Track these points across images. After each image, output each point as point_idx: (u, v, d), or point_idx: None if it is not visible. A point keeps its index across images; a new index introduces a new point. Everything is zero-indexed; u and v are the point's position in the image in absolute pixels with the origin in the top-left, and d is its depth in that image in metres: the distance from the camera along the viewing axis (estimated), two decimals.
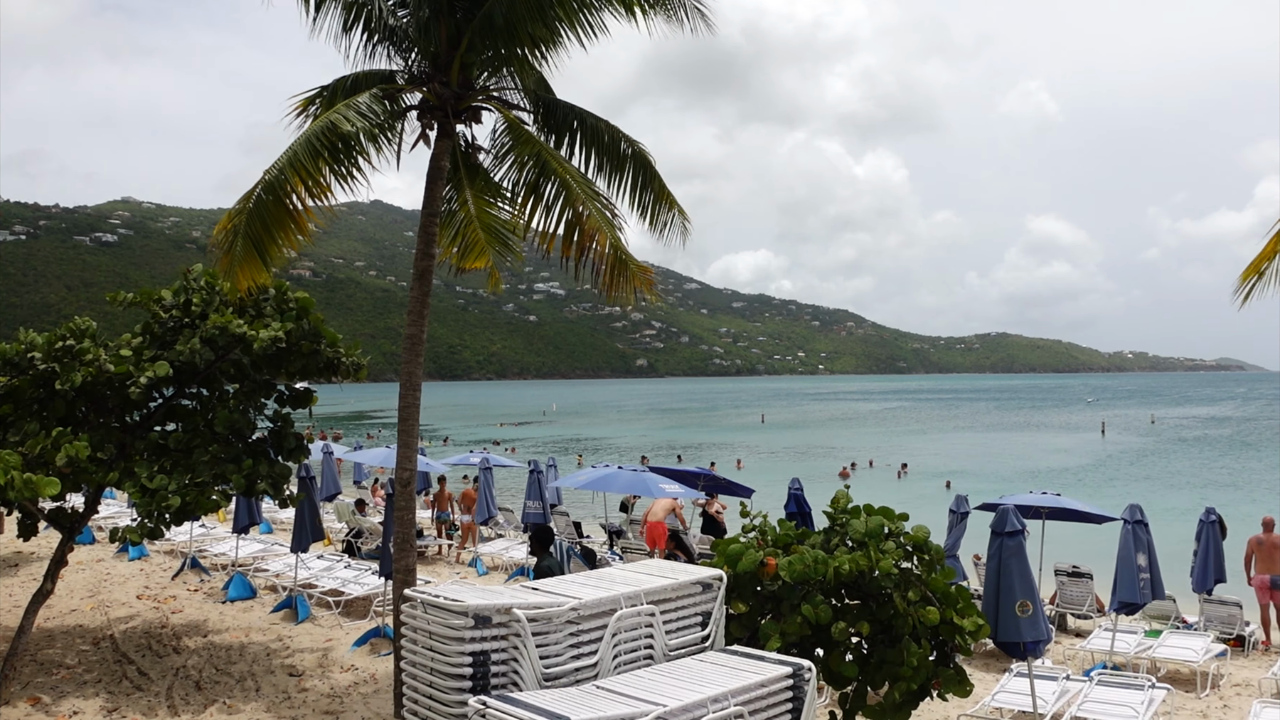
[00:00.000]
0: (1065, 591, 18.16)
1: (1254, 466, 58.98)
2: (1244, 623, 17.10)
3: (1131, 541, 13.71)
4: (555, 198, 11.80)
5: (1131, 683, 12.05)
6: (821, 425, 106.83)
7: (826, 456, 64.00)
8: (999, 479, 47.80)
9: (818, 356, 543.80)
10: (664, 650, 7.55)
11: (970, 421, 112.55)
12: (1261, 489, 47.45)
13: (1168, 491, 44.57)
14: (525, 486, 22.05)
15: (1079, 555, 19.01)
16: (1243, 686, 14.51)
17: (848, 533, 8.80)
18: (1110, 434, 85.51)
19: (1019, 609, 9.56)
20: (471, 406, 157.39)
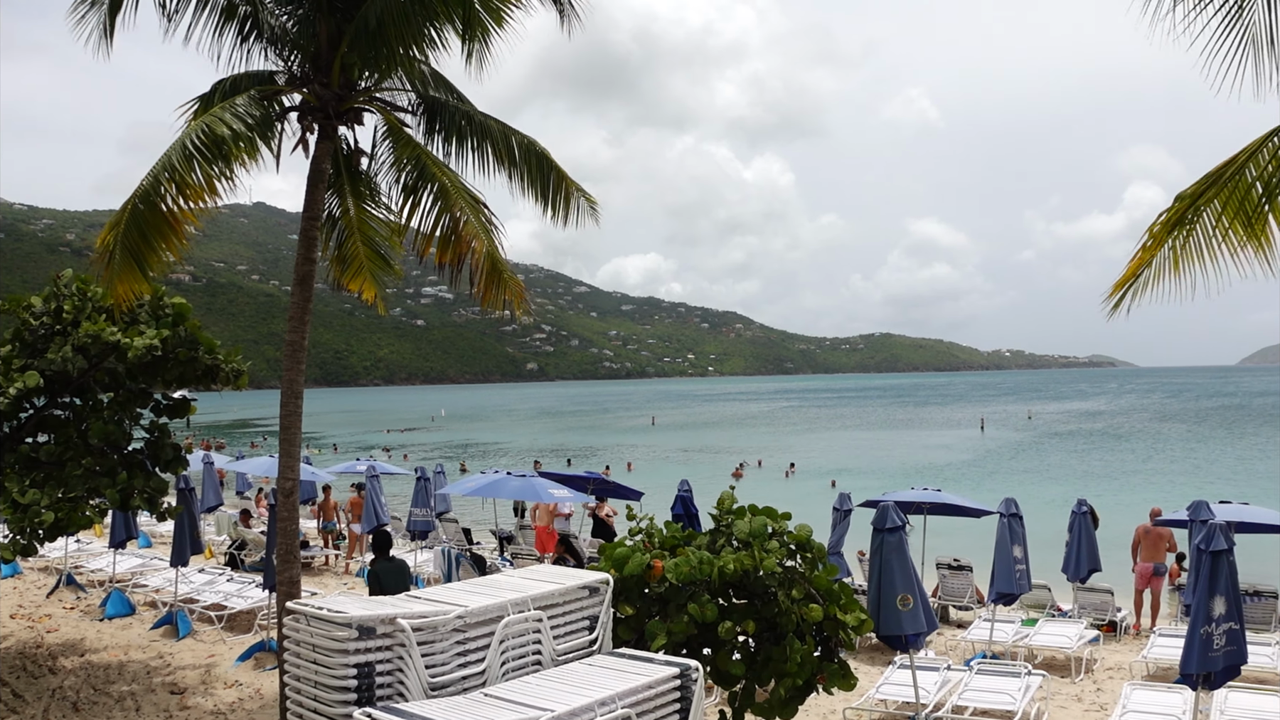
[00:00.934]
0: (947, 584, 18.64)
1: (1125, 458, 61.24)
2: (1115, 609, 17.77)
3: (1007, 534, 14.16)
4: (433, 203, 11.73)
5: (1009, 670, 12.43)
6: (712, 426, 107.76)
7: (717, 457, 64.59)
8: (883, 476, 48.81)
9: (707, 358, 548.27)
10: (552, 655, 7.55)
11: (856, 420, 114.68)
12: (1132, 479, 49.31)
13: (1044, 484, 46.02)
14: (412, 494, 21.79)
15: (959, 548, 19.52)
16: (1115, 670, 15.07)
17: (733, 533, 8.91)
18: (989, 430, 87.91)
19: (900, 603, 9.80)
20: (359, 413, 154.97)
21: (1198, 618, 9.27)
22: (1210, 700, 11.50)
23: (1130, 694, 11.76)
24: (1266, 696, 11.73)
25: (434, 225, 11.78)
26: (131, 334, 11.79)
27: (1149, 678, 14.05)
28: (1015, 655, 14.88)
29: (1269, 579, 17.63)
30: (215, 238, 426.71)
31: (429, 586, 13.79)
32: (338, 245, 12.78)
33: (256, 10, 11.62)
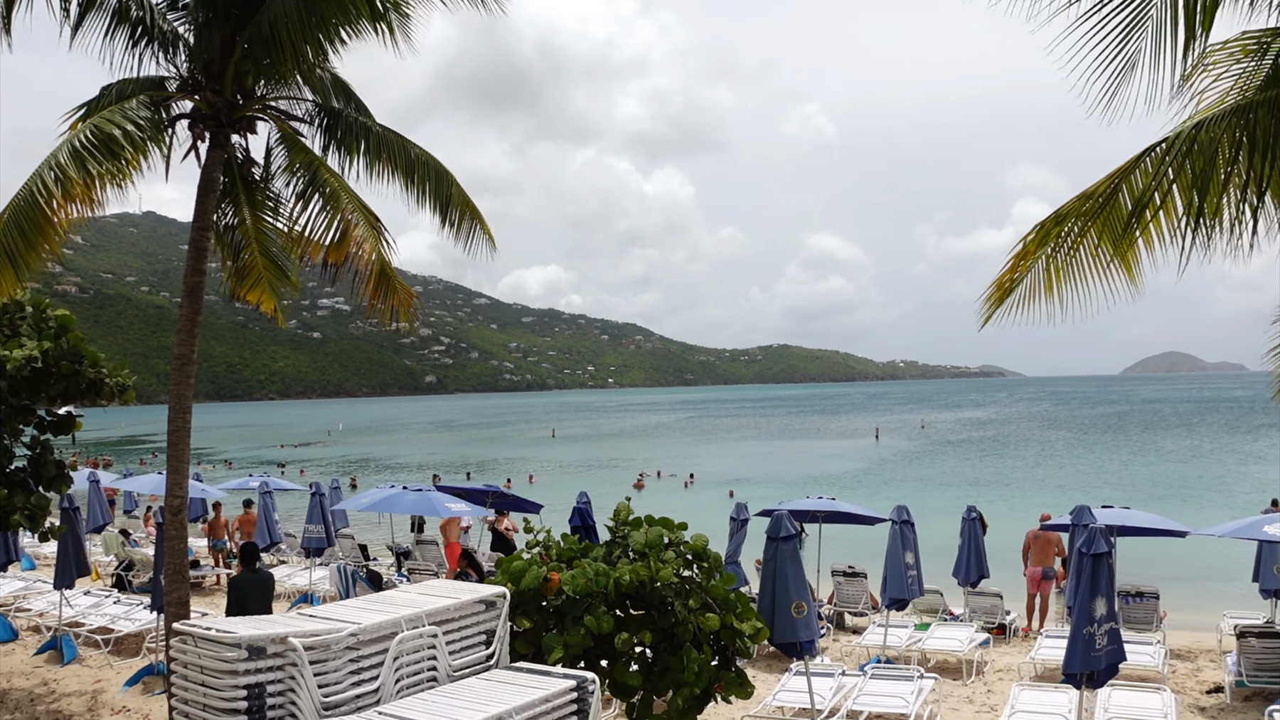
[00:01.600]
0: (842, 591, 18.93)
1: (1014, 465, 62.92)
2: (1005, 612, 18.24)
3: (899, 541, 14.45)
4: (324, 206, 11.61)
5: (902, 674, 12.68)
6: (612, 438, 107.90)
7: (617, 469, 64.69)
8: (781, 485, 49.38)
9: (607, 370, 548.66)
10: (448, 671, 7.50)
11: (755, 430, 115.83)
12: (1022, 486, 50.66)
13: (937, 491, 47.01)
14: (307, 510, 21.41)
15: (854, 555, 19.86)
16: (1005, 671, 15.48)
17: (629, 544, 8.95)
18: (884, 439, 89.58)
19: (794, 610, 9.93)
20: (253, 428, 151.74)
21: (1080, 619, 9.57)
22: (1095, 699, 11.88)
23: (1018, 694, 12.08)
24: (1148, 694, 12.16)
25: (324, 230, 11.65)
26: (11, 346, 11.42)
27: (1037, 678, 14.45)
28: (909, 659, 15.19)
29: (1151, 580, 18.27)
30: (103, 248, 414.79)
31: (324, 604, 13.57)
32: (235, 256, 12.57)
33: (149, 14, 11.37)
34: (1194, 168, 8.05)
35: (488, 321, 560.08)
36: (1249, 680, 13.78)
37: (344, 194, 11.51)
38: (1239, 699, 13.86)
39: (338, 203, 11.44)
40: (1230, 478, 54.00)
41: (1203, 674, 15.51)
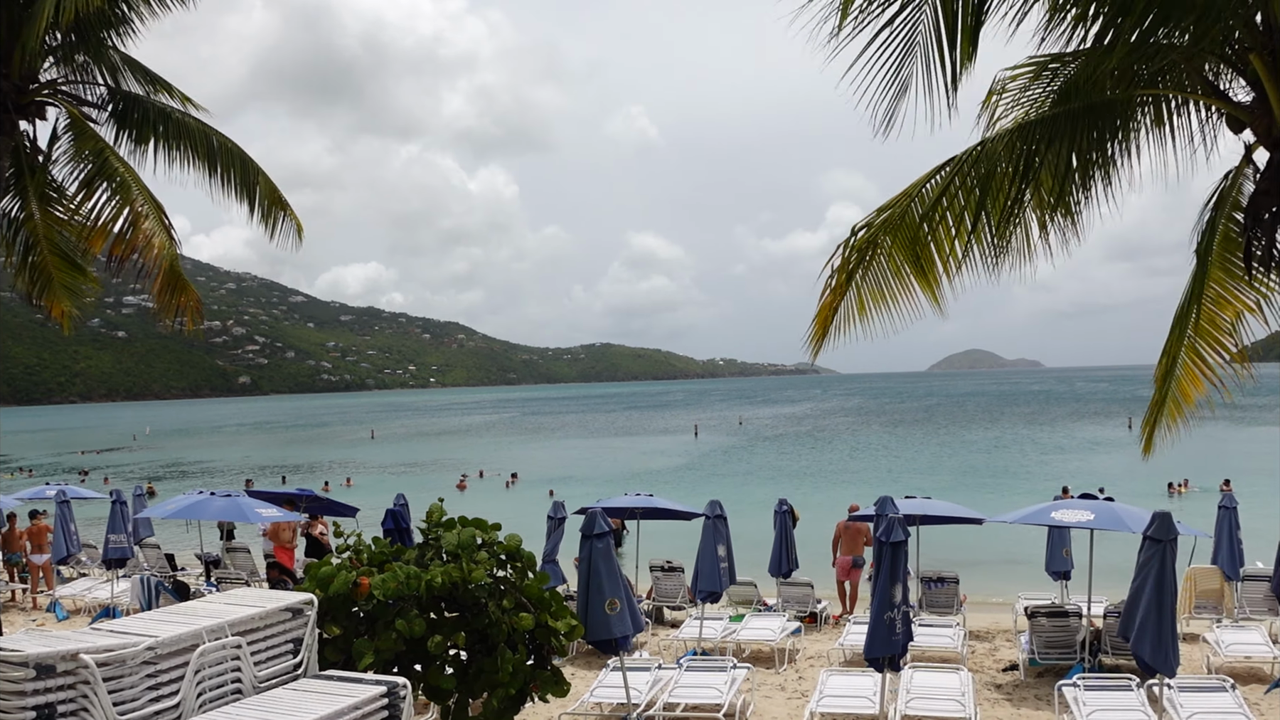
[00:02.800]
0: (660, 585, 19.19)
1: (828, 458, 64.95)
2: (816, 600, 18.83)
3: (712, 535, 14.75)
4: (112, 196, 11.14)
5: (716, 665, 12.94)
6: (434, 438, 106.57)
7: (439, 470, 63.97)
8: (603, 482, 49.70)
9: (429, 370, 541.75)
10: (253, 682, 7.29)
11: (578, 429, 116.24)
12: (836, 478, 52.34)
13: (753, 485, 48.12)
14: (108, 519, 20.44)
15: (672, 551, 20.14)
16: (816, 658, 15.97)
17: (441, 546, 8.88)
18: (703, 435, 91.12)
19: (608, 607, 10.03)
20: (55, 433, 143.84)
21: (881, 604, 9.96)
22: (898, 680, 12.38)
23: (827, 679, 12.48)
24: (947, 674, 12.73)
25: (113, 219, 11.17)
26: None
27: (846, 663, 14.95)
28: (724, 650, 15.50)
29: (953, 566, 19.13)
30: None
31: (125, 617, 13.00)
32: (23, 254, 11.90)
33: None
34: (979, 184, 8.49)
35: (305, 320, 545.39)
36: (1040, 658, 14.60)
37: (135, 185, 11.06)
38: (1032, 676, 14.66)
39: (127, 193, 11.00)
40: (1032, 466, 57.02)
41: (999, 653, 16.33)
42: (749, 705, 13.17)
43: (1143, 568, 10.10)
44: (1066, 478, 46.34)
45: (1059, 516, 13.81)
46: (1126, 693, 11.68)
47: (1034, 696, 13.73)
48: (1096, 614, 15.01)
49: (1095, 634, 14.66)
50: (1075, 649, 14.49)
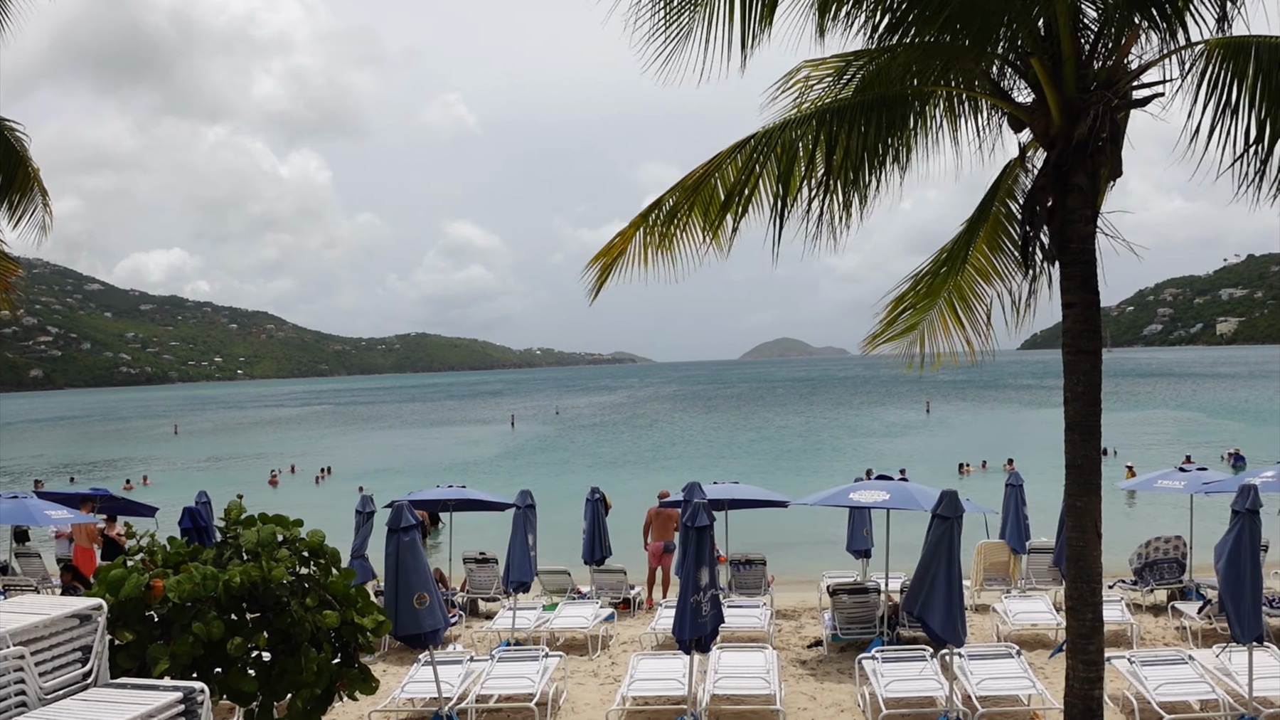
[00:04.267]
0: (474, 577, 19.08)
1: (643, 445, 65.75)
2: (629, 587, 19.07)
3: (523, 524, 14.73)
4: None
5: (528, 655, 12.96)
6: (242, 432, 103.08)
7: (248, 465, 61.92)
8: (418, 474, 49.06)
9: (236, 361, 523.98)
10: (39, 694, 6.94)
11: (393, 420, 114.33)
12: (650, 464, 52.99)
13: (569, 474, 48.32)
14: None
15: (486, 542, 20.08)
16: (629, 643, 16.17)
17: (241, 544, 8.63)
18: (520, 425, 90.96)
19: (416, 601, 9.94)
20: None
21: (687, 588, 10.16)
22: (707, 661, 12.67)
23: (637, 663, 12.67)
24: (752, 653, 13.07)
25: None
26: None
27: (658, 647, 15.20)
28: (538, 640, 15.53)
29: (762, 548, 19.65)
30: None
31: None
32: None
33: None
34: (779, 163, 8.70)
35: (102, 309, 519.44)
36: (842, 634, 15.16)
37: None
38: (835, 651, 15.21)
39: None
40: (840, 449, 59.02)
41: (805, 630, 16.87)
42: (562, 693, 13.25)
43: (932, 544, 10.61)
44: (871, 459, 48.21)
45: (857, 497, 14.35)
46: (921, 663, 12.28)
47: (837, 671, 14.25)
48: (894, 590, 15.69)
49: (893, 609, 15.32)
50: (875, 624, 15.11)
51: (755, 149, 8.68)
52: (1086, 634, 8.30)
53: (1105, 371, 8.42)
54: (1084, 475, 8.19)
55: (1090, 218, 8.23)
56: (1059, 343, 8.38)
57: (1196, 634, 15.56)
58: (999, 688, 11.78)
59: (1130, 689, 11.97)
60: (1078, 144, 8.10)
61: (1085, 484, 8.20)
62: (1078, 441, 8.18)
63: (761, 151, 8.65)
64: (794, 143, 8.68)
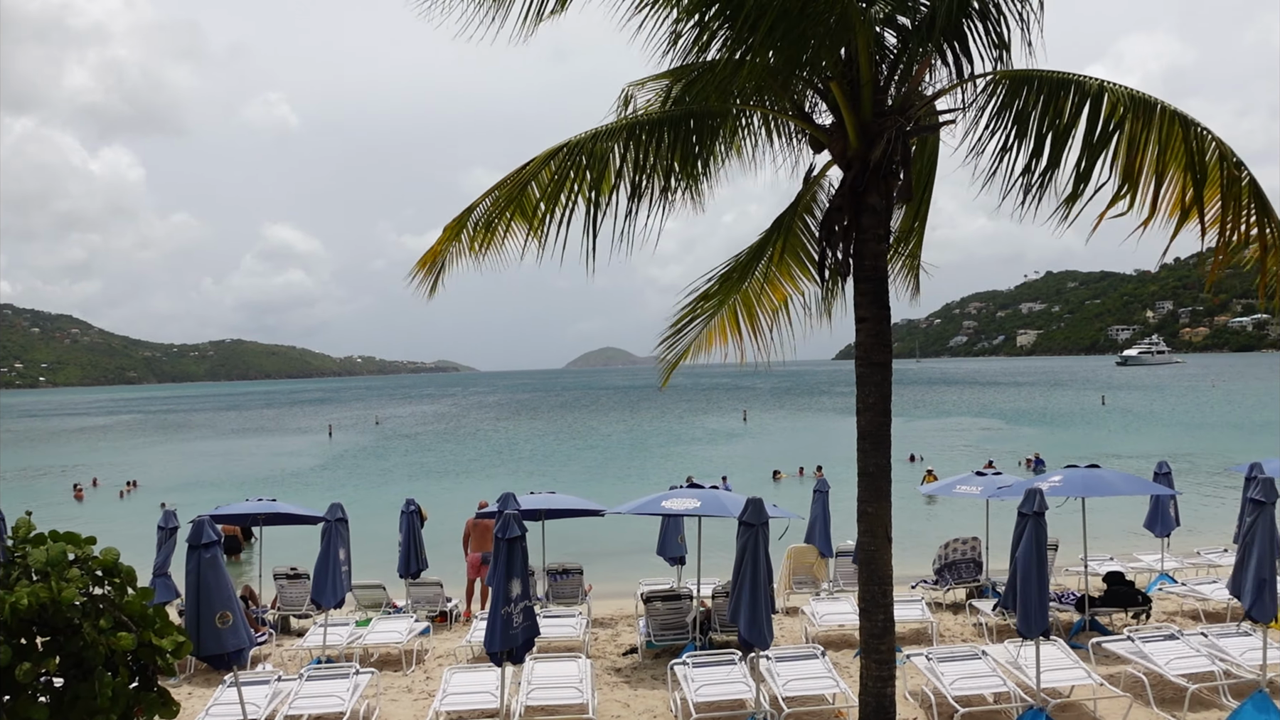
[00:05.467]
0: (285, 594, 18.61)
1: (465, 455, 65.16)
2: (446, 599, 18.90)
3: (334, 538, 14.45)
4: None
5: (338, 672, 12.72)
6: (44, 444, 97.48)
7: (48, 478, 58.71)
8: (232, 486, 47.52)
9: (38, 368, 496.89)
10: None
11: (206, 430, 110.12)
12: (472, 475, 52.53)
13: (388, 485, 47.51)
14: None
15: (298, 557, 19.60)
16: (445, 657, 16.03)
17: (29, 564, 8.24)
18: (338, 435, 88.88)
19: (219, 620, 9.67)
20: None
21: (498, 600, 10.17)
22: (520, 672, 12.70)
23: (450, 678, 12.59)
24: (566, 663, 13.17)
25: None
26: None
27: (474, 660, 15.11)
28: (351, 656, 15.27)
29: (577, 558, 19.78)
30: None
31: None
32: None
33: None
34: (590, 172, 8.83)
35: None
36: (656, 640, 15.41)
37: None
38: (650, 657, 15.45)
39: None
40: (670, 456, 59.68)
41: (621, 638, 17.06)
42: (374, 710, 13.07)
43: (739, 550, 10.90)
44: (692, 467, 49.03)
45: (669, 505, 14.60)
46: (730, 666, 12.62)
47: (650, 677, 14.47)
48: (706, 595, 16.03)
49: (706, 614, 15.65)
50: (688, 629, 15.41)
51: (567, 157, 8.78)
52: (879, 634, 8.68)
53: (914, 380, 8.88)
54: (875, 482, 8.59)
55: (883, 237, 8.64)
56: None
57: (992, 630, 16.41)
58: (804, 688, 12.19)
59: (928, 684, 12.55)
60: (873, 166, 8.49)
61: (876, 490, 8.59)
62: (869, 450, 8.58)
63: (574, 160, 8.76)
64: (605, 153, 8.83)
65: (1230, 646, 13.23)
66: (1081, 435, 67.50)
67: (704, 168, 9.39)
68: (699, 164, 9.30)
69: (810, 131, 9.28)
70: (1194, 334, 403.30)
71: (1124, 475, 15.99)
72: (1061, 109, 8.23)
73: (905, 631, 16.51)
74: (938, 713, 12.16)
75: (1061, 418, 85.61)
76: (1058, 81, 8.35)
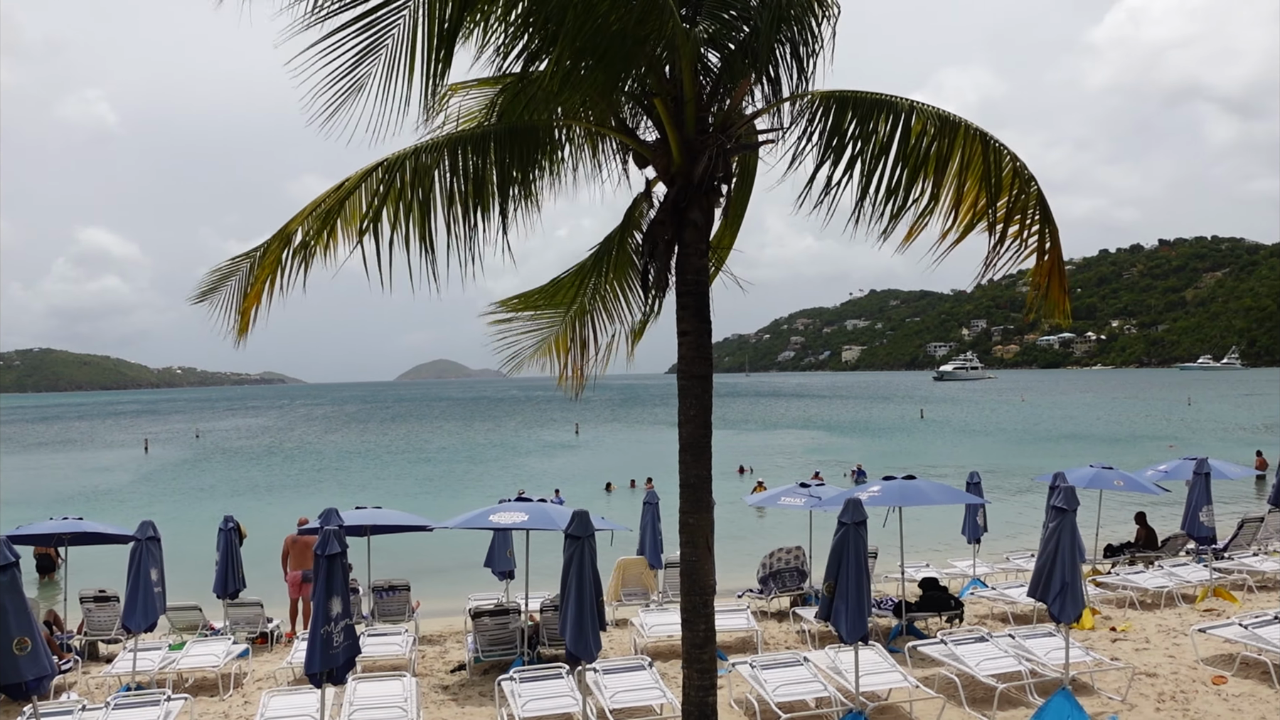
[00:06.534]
0: (92, 618, 17.68)
1: (289, 471, 63.33)
2: (267, 619, 18.30)
3: (145, 558, 13.77)
4: None
5: (148, 699, 12.16)
6: None
7: None
8: (36, 505, 44.99)
9: None
10: None
11: (11, 444, 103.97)
12: (297, 490, 51.13)
13: (207, 501, 45.89)
14: None
15: (109, 578, 18.68)
16: (265, 680, 15.50)
17: None
18: (155, 449, 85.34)
19: (17, 647, 9.15)
20: None
21: (319, 618, 9.88)
22: (343, 693, 12.39)
23: (269, 701, 12.18)
24: (390, 682, 12.90)
25: None
26: None
27: (294, 682, 14.67)
28: (164, 682, 14.64)
29: (405, 574, 19.47)
30: None
31: None
32: None
33: None
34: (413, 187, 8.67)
35: None
36: (484, 655, 15.26)
37: None
38: (478, 673, 15.28)
39: None
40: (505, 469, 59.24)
41: (449, 655, 16.85)
42: None
43: (565, 563, 10.89)
44: (525, 480, 48.90)
45: (496, 519, 14.49)
46: (558, 680, 12.60)
47: (478, 694, 14.32)
48: (535, 609, 15.96)
49: (535, 628, 15.58)
50: (516, 644, 15.31)
51: (386, 173, 8.61)
52: (700, 644, 8.77)
53: (744, 393, 8.99)
54: (696, 494, 8.69)
55: (704, 252, 8.77)
56: (726, 366, 8.80)
57: (815, 637, 16.82)
58: (631, 699, 12.25)
59: (752, 692, 12.76)
60: (695, 182, 8.61)
61: (698, 502, 8.70)
62: (690, 462, 8.68)
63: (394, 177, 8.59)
64: (428, 169, 8.69)
65: (1036, 647, 13.87)
66: (902, 447, 70.06)
67: (531, 183, 9.35)
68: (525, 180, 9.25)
69: (635, 148, 9.35)
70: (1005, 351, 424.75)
71: (937, 485, 16.61)
72: (876, 129, 8.53)
73: (731, 640, 16.79)
74: (761, 719, 12.38)
75: (884, 430, 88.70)
76: (871, 102, 8.64)
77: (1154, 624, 17.18)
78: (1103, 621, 17.52)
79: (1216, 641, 14.92)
